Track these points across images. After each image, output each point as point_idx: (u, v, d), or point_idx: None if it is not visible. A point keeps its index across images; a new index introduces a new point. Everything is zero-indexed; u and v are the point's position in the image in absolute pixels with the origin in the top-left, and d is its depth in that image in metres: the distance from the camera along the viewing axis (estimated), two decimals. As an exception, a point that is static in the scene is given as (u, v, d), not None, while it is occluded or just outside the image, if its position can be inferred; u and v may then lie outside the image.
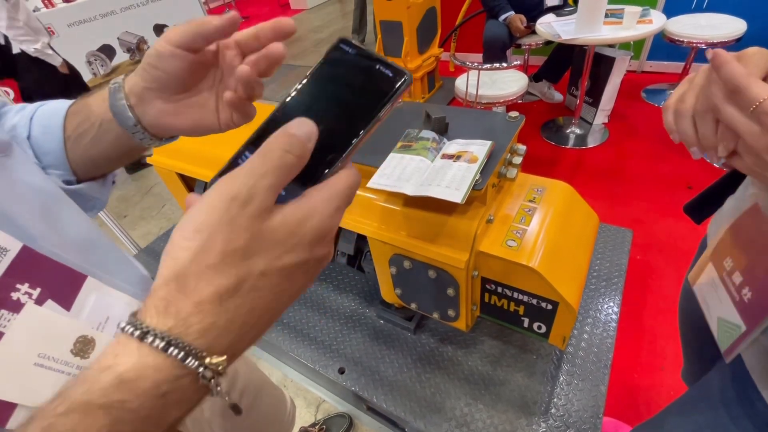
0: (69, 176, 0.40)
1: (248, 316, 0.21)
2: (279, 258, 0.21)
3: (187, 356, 0.19)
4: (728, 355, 0.45)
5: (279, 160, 0.22)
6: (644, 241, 1.64)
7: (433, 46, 2.82)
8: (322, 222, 0.23)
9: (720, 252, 0.48)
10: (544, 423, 0.90)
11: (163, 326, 0.20)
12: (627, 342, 1.31)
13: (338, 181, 0.24)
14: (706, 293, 0.51)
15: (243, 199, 0.20)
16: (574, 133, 2.40)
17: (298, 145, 0.22)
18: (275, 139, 0.22)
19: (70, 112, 0.39)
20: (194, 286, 0.20)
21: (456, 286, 0.81)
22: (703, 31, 2.16)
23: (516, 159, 0.81)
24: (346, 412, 1.18)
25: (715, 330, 0.48)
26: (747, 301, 0.42)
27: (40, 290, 0.31)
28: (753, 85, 0.33)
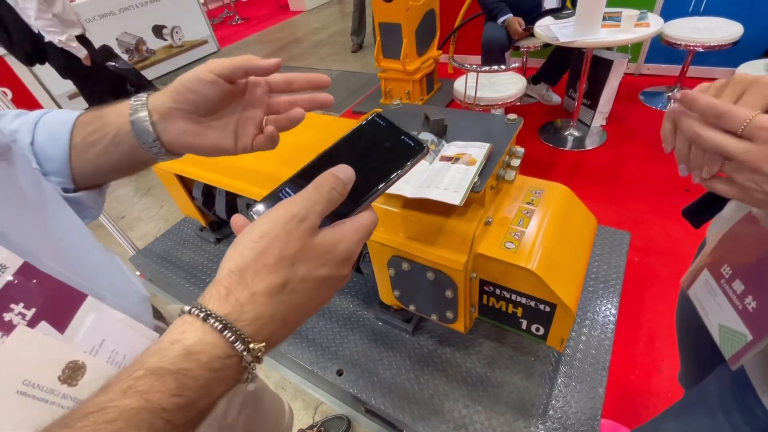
0: (68, 184, 0.41)
1: (287, 312, 0.26)
2: (316, 269, 0.27)
3: (236, 340, 0.24)
4: (734, 362, 0.45)
5: (328, 194, 0.29)
6: (642, 243, 1.64)
7: (432, 48, 2.83)
8: (350, 246, 0.29)
9: (716, 259, 0.48)
10: (542, 425, 0.90)
11: (222, 311, 0.24)
12: (625, 344, 1.31)
13: (363, 217, 0.31)
14: (703, 299, 0.50)
15: (300, 217, 0.27)
16: (572, 135, 2.41)
17: (341, 185, 0.29)
18: (326, 177, 0.29)
19: (79, 123, 0.40)
20: (252, 280, 0.25)
21: (454, 287, 0.81)
22: (701, 34, 2.17)
23: (514, 161, 0.81)
24: (344, 414, 1.17)
25: (717, 336, 0.48)
26: (752, 310, 0.41)
27: (34, 311, 0.30)
28: (735, 108, 0.34)
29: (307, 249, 0.27)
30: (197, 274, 1.43)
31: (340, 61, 4.19)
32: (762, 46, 2.34)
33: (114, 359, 0.34)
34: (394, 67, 2.66)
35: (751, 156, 0.33)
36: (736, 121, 0.34)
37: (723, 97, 0.37)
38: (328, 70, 4.01)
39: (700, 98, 0.36)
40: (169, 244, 1.60)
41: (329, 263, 0.28)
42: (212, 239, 1.54)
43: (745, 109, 0.34)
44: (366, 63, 4.01)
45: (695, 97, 0.37)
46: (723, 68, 2.57)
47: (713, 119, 0.36)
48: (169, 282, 1.46)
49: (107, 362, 0.33)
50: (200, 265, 1.46)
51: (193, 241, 1.59)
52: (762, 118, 0.33)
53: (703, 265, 0.50)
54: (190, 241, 1.59)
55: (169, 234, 1.66)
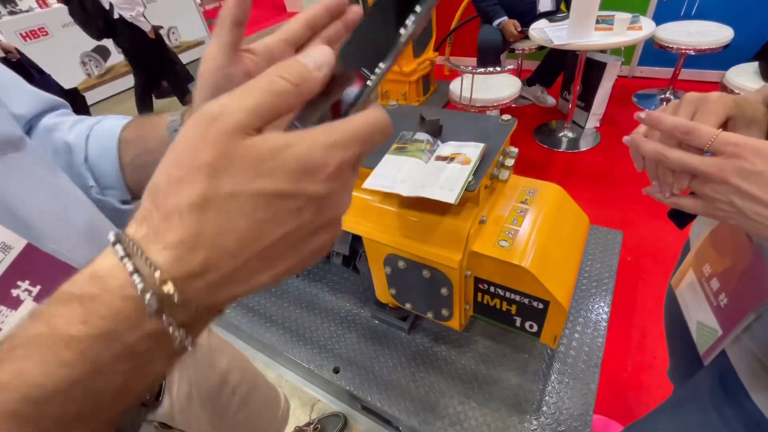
0: (125, 196, 0.42)
1: (220, 237, 0.19)
2: (249, 181, 0.19)
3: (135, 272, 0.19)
4: (706, 357, 0.47)
5: (267, 84, 0.20)
6: (634, 243, 1.66)
7: (428, 50, 2.85)
8: (311, 152, 0.20)
9: (700, 258, 0.50)
10: (535, 420, 0.91)
11: (137, 234, 0.20)
12: (617, 342, 1.33)
13: (350, 117, 0.21)
14: (687, 297, 0.52)
15: (213, 115, 0.19)
16: (567, 136, 2.44)
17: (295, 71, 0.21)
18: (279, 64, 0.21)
19: (124, 140, 0.40)
20: (164, 197, 0.20)
21: (449, 285, 0.82)
22: (692, 38, 2.20)
23: (508, 161, 0.83)
24: (340, 412, 1.18)
25: (694, 333, 0.50)
26: (723, 306, 0.44)
27: (40, 287, 0.32)
28: (701, 125, 0.37)
29: (228, 156, 0.19)
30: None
31: (336, 63, 4.21)
32: (752, 49, 2.38)
33: None
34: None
35: (718, 169, 0.35)
36: (703, 137, 0.36)
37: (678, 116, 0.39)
38: (324, 71, 4.02)
39: (666, 118, 0.38)
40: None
41: (274, 173, 0.19)
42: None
43: (709, 126, 0.36)
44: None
45: (661, 117, 0.39)
46: (714, 71, 2.61)
47: (681, 136, 0.38)
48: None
49: None
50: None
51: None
52: (726, 134, 0.35)
53: (689, 265, 0.52)
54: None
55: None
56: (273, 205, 0.19)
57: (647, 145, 0.40)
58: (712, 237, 0.49)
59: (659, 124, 0.39)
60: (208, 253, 0.19)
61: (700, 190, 0.38)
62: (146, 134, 0.40)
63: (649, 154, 0.40)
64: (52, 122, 0.41)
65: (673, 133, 0.38)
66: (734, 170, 0.34)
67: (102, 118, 0.42)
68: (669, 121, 0.38)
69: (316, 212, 0.21)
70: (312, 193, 0.20)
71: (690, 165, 0.37)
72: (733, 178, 0.34)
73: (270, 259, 0.20)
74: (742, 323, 0.41)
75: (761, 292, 0.39)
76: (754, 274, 0.40)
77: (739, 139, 0.34)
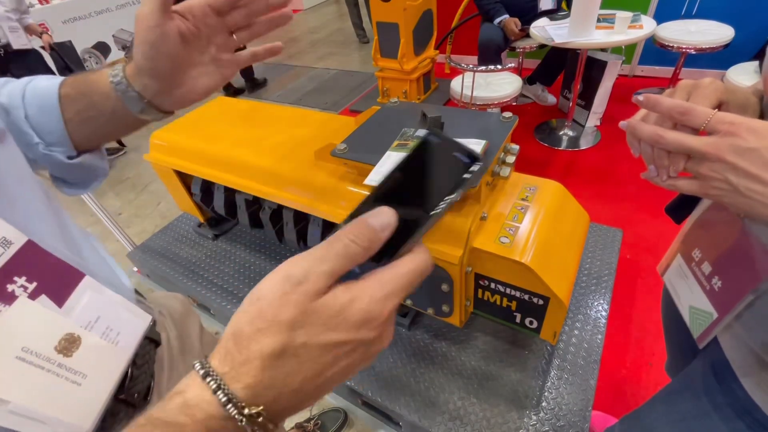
0: (71, 151, 0.42)
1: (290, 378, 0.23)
2: (319, 334, 0.23)
3: (228, 402, 0.22)
4: (701, 340, 0.48)
5: (343, 249, 0.24)
6: (634, 240, 1.67)
7: (429, 48, 2.85)
8: (370, 305, 0.24)
9: (688, 243, 0.51)
10: (535, 416, 0.92)
11: (221, 370, 0.23)
12: (616, 338, 1.34)
13: (398, 264, 0.25)
14: (675, 283, 0.53)
15: (297, 280, 0.23)
16: (567, 135, 2.44)
17: (366, 235, 0.24)
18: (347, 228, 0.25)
19: (65, 96, 0.40)
20: (247, 343, 0.23)
21: (450, 281, 0.83)
22: (693, 37, 2.21)
23: (509, 158, 0.83)
24: (340, 407, 1.19)
25: (687, 317, 0.51)
26: (717, 289, 0.45)
27: (36, 284, 0.32)
28: (698, 106, 0.38)
29: (306, 314, 0.23)
30: (195, 270, 1.43)
31: (337, 60, 4.20)
32: (752, 48, 2.38)
33: (108, 335, 0.36)
34: (391, 66, 2.68)
35: (714, 148, 0.36)
36: (699, 117, 0.37)
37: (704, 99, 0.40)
38: (325, 69, 4.02)
39: (663, 100, 0.39)
40: (166, 240, 1.61)
41: (339, 327, 0.23)
42: (210, 235, 1.55)
43: (704, 107, 0.37)
44: (364, 62, 4.03)
45: (658, 99, 0.40)
46: (714, 70, 2.61)
47: (678, 116, 0.38)
48: (166, 277, 1.46)
49: (101, 337, 0.35)
50: (198, 261, 1.47)
51: (191, 237, 1.59)
52: (722, 114, 0.36)
53: (676, 250, 0.53)
54: (188, 237, 1.60)
55: (167, 230, 1.66)
56: (334, 351, 0.24)
57: (644, 128, 0.41)
58: (700, 222, 0.50)
59: (657, 106, 0.40)
60: (278, 391, 0.23)
61: (696, 170, 0.38)
62: (87, 89, 0.41)
63: (647, 136, 0.41)
64: None
65: (670, 114, 0.39)
66: (729, 148, 0.35)
67: (32, 78, 0.42)
68: (667, 102, 0.39)
69: (365, 350, 0.25)
70: (366, 339, 0.24)
71: (686, 145, 0.38)
72: (729, 155, 0.35)
73: (322, 388, 0.25)
74: (740, 305, 0.42)
75: (756, 273, 0.40)
76: (747, 256, 0.41)
77: (734, 118, 0.35)
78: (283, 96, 3.61)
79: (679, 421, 0.57)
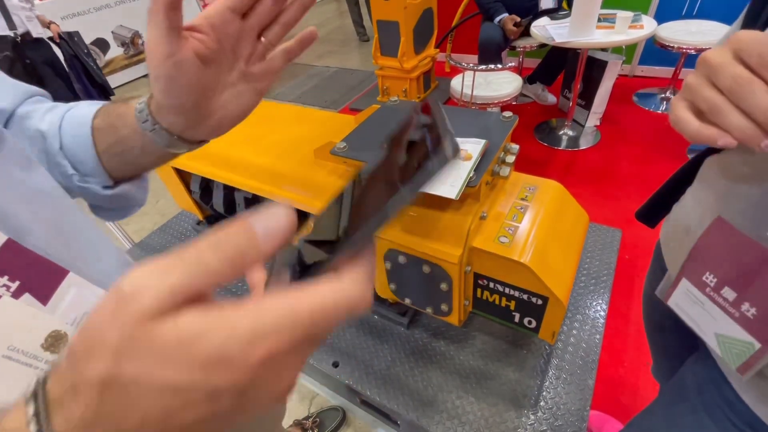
0: (107, 182, 0.41)
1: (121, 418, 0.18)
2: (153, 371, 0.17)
3: None
4: (744, 372, 0.43)
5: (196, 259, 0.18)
6: (633, 241, 1.67)
7: (429, 46, 2.84)
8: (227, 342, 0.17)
9: (694, 268, 0.46)
10: (533, 415, 0.92)
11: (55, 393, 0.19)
12: (614, 339, 1.34)
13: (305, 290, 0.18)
14: (688, 310, 0.49)
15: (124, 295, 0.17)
16: (567, 135, 2.44)
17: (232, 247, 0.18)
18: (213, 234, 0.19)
19: (97, 128, 0.39)
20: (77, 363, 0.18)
21: (449, 281, 0.83)
22: (693, 37, 2.20)
23: (509, 158, 0.83)
24: (339, 406, 1.19)
25: (716, 346, 0.45)
26: (752, 317, 0.40)
27: (18, 283, 0.32)
28: None
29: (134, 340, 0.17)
30: (194, 267, 1.43)
31: (337, 58, 4.19)
32: (753, 49, 2.38)
33: None
34: (391, 64, 2.67)
35: None
36: None
37: None
38: (325, 67, 4.01)
39: None
40: (165, 237, 1.60)
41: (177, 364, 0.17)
42: (209, 233, 1.55)
43: None
44: (363, 60, 4.02)
45: None
46: (715, 71, 2.61)
47: None
48: (165, 275, 1.46)
49: None
50: (197, 259, 1.47)
51: (190, 235, 1.59)
52: None
53: (680, 275, 0.49)
54: (187, 235, 1.60)
55: (166, 228, 1.66)
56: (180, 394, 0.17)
57: None
58: (704, 244, 0.45)
59: None
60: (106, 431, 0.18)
61: None
62: (117, 123, 0.38)
63: None
64: (26, 110, 0.40)
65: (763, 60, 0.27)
66: None
67: (73, 105, 0.41)
68: None
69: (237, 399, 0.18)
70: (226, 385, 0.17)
71: None
72: None
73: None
74: None
75: None
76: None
77: None
78: (283, 94, 3.60)
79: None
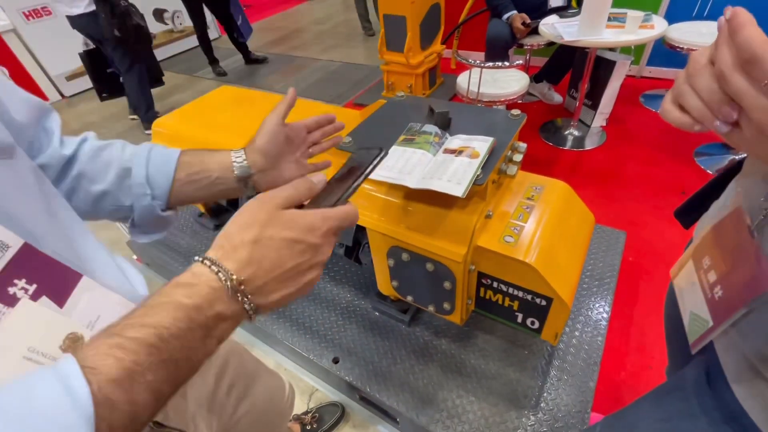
0: (163, 206, 0.53)
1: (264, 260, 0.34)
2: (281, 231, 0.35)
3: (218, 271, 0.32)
4: (695, 346, 0.49)
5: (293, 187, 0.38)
6: (637, 243, 1.66)
7: (436, 42, 2.82)
8: (313, 221, 0.36)
9: (700, 250, 0.50)
10: (533, 416, 0.92)
11: (216, 254, 0.33)
12: (616, 341, 1.33)
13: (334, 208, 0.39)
14: (683, 288, 0.53)
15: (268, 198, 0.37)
16: (573, 134, 2.42)
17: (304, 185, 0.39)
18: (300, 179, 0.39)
19: (182, 162, 0.52)
20: (234, 236, 0.34)
21: (453, 279, 0.82)
22: (703, 38, 2.17)
23: (516, 156, 0.82)
24: (338, 401, 1.19)
25: (687, 323, 0.51)
26: (717, 298, 0.44)
27: (36, 286, 0.32)
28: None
29: (273, 217, 0.35)
30: (195, 259, 1.43)
31: (342, 53, 4.16)
32: (763, 52, 2.35)
33: None
34: (397, 60, 2.65)
35: (763, 116, 0.30)
36: (762, 71, 0.30)
37: None
38: (330, 61, 3.98)
39: (744, 28, 0.31)
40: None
41: (293, 228, 0.35)
42: (211, 225, 1.54)
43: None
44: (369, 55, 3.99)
45: (742, 23, 0.31)
46: (724, 73, 2.58)
47: (742, 61, 0.31)
48: (166, 266, 1.46)
49: None
50: (198, 251, 1.46)
51: (191, 227, 1.59)
52: None
53: (689, 256, 0.52)
54: (189, 227, 1.59)
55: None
56: (290, 245, 0.35)
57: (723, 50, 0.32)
58: (715, 231, 0.48)
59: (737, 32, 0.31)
60: (255, 267, 0.34)
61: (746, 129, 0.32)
62: (207, 160, 0.53)
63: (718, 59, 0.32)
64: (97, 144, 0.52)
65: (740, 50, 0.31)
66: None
67: (152, 146, 0.54)
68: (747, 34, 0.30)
69: (312, 254, 0.37)
70: (311, 242, 0.36)
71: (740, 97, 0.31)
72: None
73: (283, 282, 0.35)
74: (733, 317, 0.42)
75: (755, 287, 0.39)
76: (750, 269, 0.40)
77: None
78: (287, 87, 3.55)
79: (664, 420, 0.56)
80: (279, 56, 4.26)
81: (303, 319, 1.20)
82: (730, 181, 0.54)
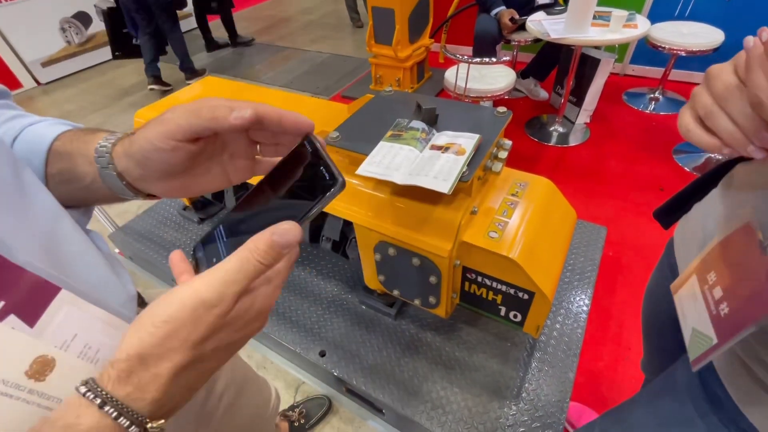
0: None
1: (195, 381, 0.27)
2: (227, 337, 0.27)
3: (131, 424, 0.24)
4: (696, 364, 0.46)
5: (253, 270, 0.27)
6: (616, 238, 1.71)
7: (424, 36, 2.81)
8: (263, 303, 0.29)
9: (706, 265, 0.48)
10: (515, 406, 0.95)
11: (121, 392, 0.24)
12: (595, 333, 1.38)
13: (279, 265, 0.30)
14: (685, 303, 0.50)
15: (211, 303, 0.26)
16: (557, 131, 2.46)
17: (272, 256, 0.28)
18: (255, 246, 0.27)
19: (55, 151, 0.38)
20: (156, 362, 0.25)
21: (438, 274, 0.84)
22: (684, 38, 2.23)
23: (502, 153, 0.83)
24: (325, 395, 1.20)
25: (688, 339, 0.48)
26: (723, 315, 0.42)
27: (2, 304, 0.28)
28: None
29: (217, 329, 0.26)
30: (180, 253, 1.41)
31: (330, 44, 4.12)
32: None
33: (86, 354, 0.33)
34: (385, 53, 2.63)
35: None
36: None
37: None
38: (318, 52, 3.93)
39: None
40: (150, 222, 1.57)
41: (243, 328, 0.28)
42: (195, 219, 1.52)
43: None
44: (357, 47, 3.95)
45: None
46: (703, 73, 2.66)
47: None
48: (149, 260, 1.44)
49: (78, 357, 0.32)
50: (183, 245, 1.45)
51: (175, 220, 1.56)
52: None
53: (693, 270, 0.50)
54: (173, 220, 1.57)
55: (151, 212, 1.62)
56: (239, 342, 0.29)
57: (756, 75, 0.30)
58: (723, 246, 0.46)
59: None
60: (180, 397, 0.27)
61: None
62: (75, 152, 0.38)
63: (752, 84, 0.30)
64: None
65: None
66: None
67: (39, 120, 0.40)
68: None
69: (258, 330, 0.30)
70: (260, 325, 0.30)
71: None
72: None
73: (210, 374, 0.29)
74: (740, 335, 0.39)
75: (763, 306, 0.37)
76: (759, 287, 0.38)
77: None
78: (273, 78, 3.53)
79: (662, 425, 0.56)
80: (266, 46, 4.19)
81: (290, 313, 1.20)
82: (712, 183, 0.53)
